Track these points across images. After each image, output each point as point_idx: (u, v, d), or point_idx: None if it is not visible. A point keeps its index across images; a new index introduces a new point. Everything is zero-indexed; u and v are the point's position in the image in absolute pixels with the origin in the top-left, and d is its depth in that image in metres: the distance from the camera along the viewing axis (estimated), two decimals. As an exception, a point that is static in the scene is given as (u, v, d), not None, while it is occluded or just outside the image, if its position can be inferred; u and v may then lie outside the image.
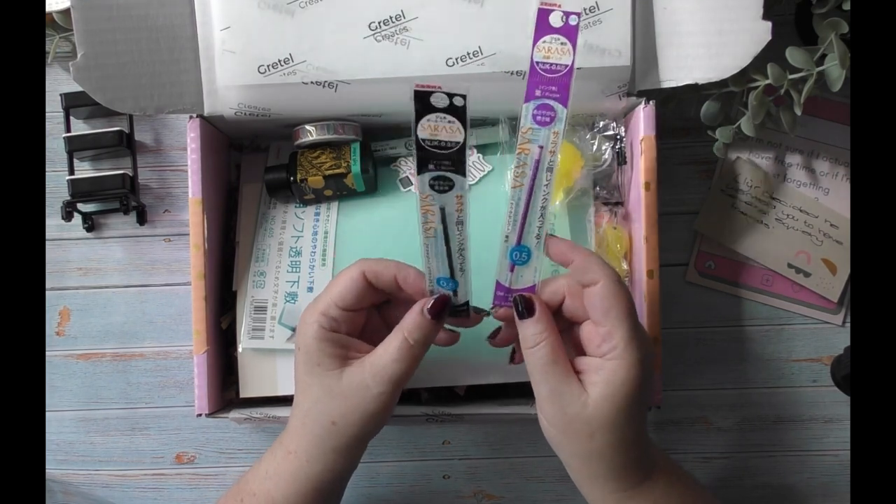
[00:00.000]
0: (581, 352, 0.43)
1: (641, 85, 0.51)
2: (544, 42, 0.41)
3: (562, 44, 0.41)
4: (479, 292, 0.44)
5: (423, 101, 0.38)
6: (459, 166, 0.40)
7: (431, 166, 0.40)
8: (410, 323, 0.42)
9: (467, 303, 0.44)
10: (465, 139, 0.39)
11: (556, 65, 0.41)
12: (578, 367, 0.42)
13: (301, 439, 0.44)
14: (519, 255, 0.43)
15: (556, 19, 0.41)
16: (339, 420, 0.43)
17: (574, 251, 0.42)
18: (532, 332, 0.41)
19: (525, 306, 0.42)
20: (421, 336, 0.42)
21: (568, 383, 0.41)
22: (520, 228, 0.43)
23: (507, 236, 0.43)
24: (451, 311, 0.43)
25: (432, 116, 0.39)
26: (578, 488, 0.44)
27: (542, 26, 0.41)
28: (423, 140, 0.39)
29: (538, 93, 0.41)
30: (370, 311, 0.46)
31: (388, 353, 0.42)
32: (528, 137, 0.41)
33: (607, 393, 0.40)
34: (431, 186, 0.40)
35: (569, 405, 0.40)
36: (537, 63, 0.41)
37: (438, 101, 0.38)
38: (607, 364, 0.40)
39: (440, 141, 0.39)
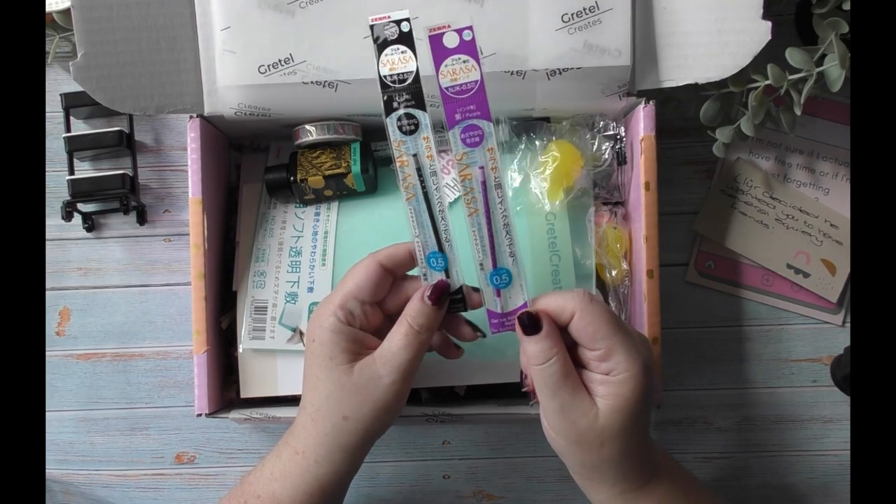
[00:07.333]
0: (584, 367, 0.42)
1: (641, 85, 0.51)
2: (446, 66, 0.41)
3: (464, 62, 0.41)
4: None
5: (378, 35, 0.41)
6: (419, 100, 0.41)
7: (396, 105, 0.41)
8: (413, 310, 0.43)
9: (461, 289, 0.44)
10: (417, 68, 0.41)
11: (466, 84, 0.41)
12: (584, 379, 0.42)
13: (309, 438, 0.44)
14: (499, 278, 0.43)
15: (450, 41, 0.41)
16: (352, 414, 0.43)
17: (546, 297, 0.42)
18: (540, 349, 0.41)
19: (530, 323, 0.41)
20: (424, 321, 0.42)
21: (579, 398, 0.41)
22: (491, 252, 0.43)
23: (480, 264, 0.43)
24: (450, 300, 0.43)
25: (388, 51, 0.41)
26: (583, 490, 0.44)
27: (439, 51, 0.41)
28: (385, 76, 0.41)
29: (458, 116, 0.41)
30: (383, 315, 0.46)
31: (395, 342, 0.43)
32: (466, 162, 0.42)
33: (617, 405, 0.40)
34: (399, 129, 0.41)
35: (579, 418, 0.40)
36: (446, 89, 0.41)
37: (390, 32, 0.41)
38: (614, 378, 0.40)
39: (398, 74, 0.41)
